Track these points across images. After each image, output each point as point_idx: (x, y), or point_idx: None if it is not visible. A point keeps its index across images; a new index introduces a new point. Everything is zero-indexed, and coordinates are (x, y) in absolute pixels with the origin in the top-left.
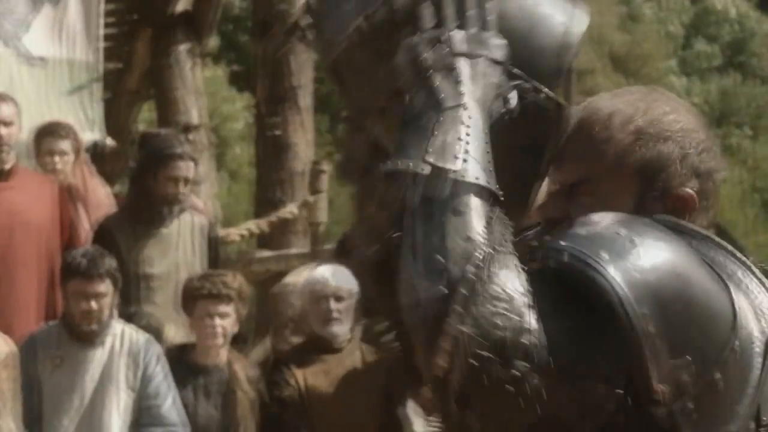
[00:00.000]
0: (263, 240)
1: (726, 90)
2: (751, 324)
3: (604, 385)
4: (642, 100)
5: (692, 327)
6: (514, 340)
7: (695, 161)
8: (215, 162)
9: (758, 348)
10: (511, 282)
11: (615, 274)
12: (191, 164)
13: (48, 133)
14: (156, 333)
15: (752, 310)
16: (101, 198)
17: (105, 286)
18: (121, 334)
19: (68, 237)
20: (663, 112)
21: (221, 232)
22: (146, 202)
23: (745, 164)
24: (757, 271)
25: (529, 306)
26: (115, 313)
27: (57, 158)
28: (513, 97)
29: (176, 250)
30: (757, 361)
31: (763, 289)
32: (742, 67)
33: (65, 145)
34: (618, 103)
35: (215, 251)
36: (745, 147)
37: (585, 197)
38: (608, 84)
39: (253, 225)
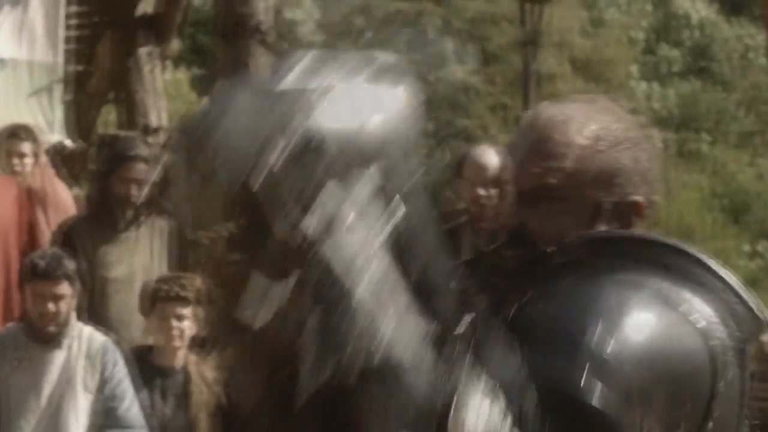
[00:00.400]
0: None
1: (687, 95)
2: (721, 334)
3: None
4: (592, 109)
5: (680, 396)
6: None
7: (645, 169)
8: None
9: (731, 359)
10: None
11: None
12: (145, 166)
13: (9, 135)
14: (114, 337)
15: (720, 315)
16: (63, 200)
17: (65, 288)
18: (79, 335)
19: (29, 239)
20: (614, 119)
21: (192, 235)
22: (105, 205)
23: (705, 170)
24: (721, 270)
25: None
26: (74, 314)
27: (16, 160)
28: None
29: (134, 255)
30: (735, 372)
31: (727, 285)
32: (704, 72)
33: (26, 147)
34: (569, 111)
35: (183, 255)
36: (705, 153)
37: (543, 203)
38: (571, 89)
39: (223, 228)
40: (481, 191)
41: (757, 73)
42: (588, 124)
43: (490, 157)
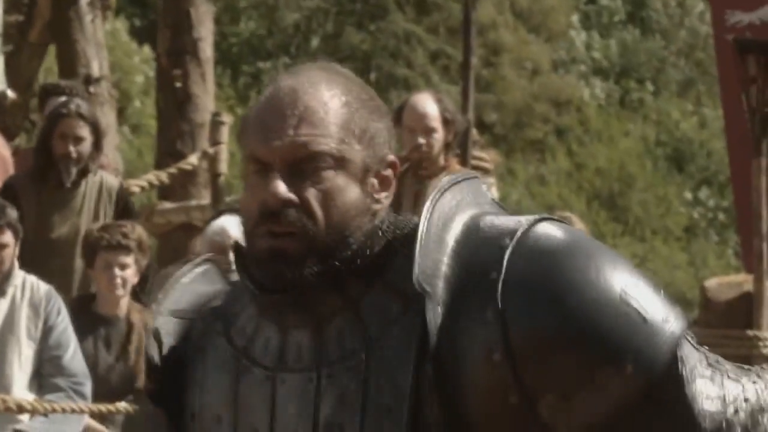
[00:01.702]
0: (165, 192)
1: (627, 45)
2: None
3: None
4: (330, 73)
5: None
6: None
7: (389, 128)
8: (117, 116)
9: None
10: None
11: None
12: (83, 123)
13: None
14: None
15: None
16: (6, 152)
17: (7, 237)
18: (22, 284)
19: None
20: (352, 81)
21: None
22: (47, 163)
23: (648, 119)
24: None
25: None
26: (17, 263)
27: None
28: None
29: (79, 215)
30: None
31: None
32: (643, 22)
33: None
34: (311, 78)
35: (127, 212)
36: (647, 102)
37: (316, 172)
38: (511, 38)
39: (153, 176)
40: (421, 139)
41: (694, 22)
42: (335, 88)
43: (429, 105)
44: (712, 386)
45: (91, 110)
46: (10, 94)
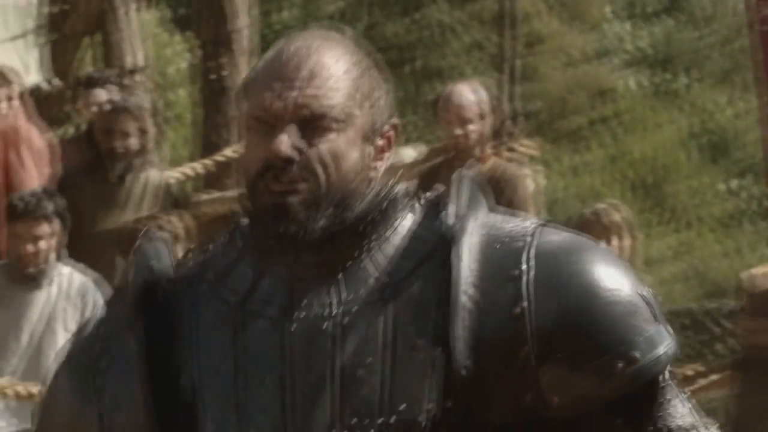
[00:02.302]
0: (206, 182)
1: (662, 35)
2: None
3: None
4: (332, 37)
5: None
6: None
7: (391, 91)
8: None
9: None
10: None
11: None
12: (129, 118)
13: None
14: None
15: None
16: (37, 143)
17: (45, 228)
18: (61, 275)
19: (5, 181)
20: (355, 45)
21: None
22: (93, 157)
23: (683, 110)
24: None
25: None
26: (55, 255)
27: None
28: None
29: (123, 210)
30: None
31: None
32: (678, 12)
33: (8, 90)
34: (317, 40)
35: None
36: (682, 92)
37: (324, 133)
38: (550, 28)
39: (191, 168)
40: (458, 129)
41: (729, 13)
42: (342, 50)
43: (467, 96)
44: (684, 409)
45: (139, 106)
46: (50, 84)
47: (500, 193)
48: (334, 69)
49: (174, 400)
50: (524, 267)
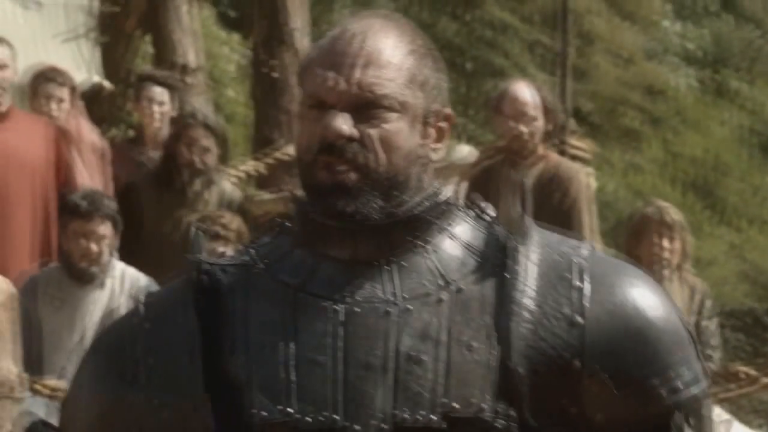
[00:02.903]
0: (261, 182)
1: (720, 34)
2: None
3: None
4: (394, 22)
5: None
6: None
7: (445, 81)
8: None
9: None
10: None
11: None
12: (208, 133)
13: (45, 78)
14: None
15: None
16: (94, 142)
17: (105, 228)
18: (121, 275)
19: (65, 179)
20: (415, 31)
21: None
22: (170, 168)
23: (744, 108)
24: None
25: None
26: (116, 254)
27: (54, 104)
28: None
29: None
30: None
31: None
32: (737, 10)
33: (63, 92)
34: (378, 24)
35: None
36: (741, 91)
37: (382, 116)
38: (604, 27)
39: (250, 167)
40: (521, 127)
41: None
42: (402, 35)
43: (529, 93)
44: None
45: (219, 121)
46: (106, 84)
47: (558, 190)
48: (392, 54)
49: (219, 383)
50: (583, 283)
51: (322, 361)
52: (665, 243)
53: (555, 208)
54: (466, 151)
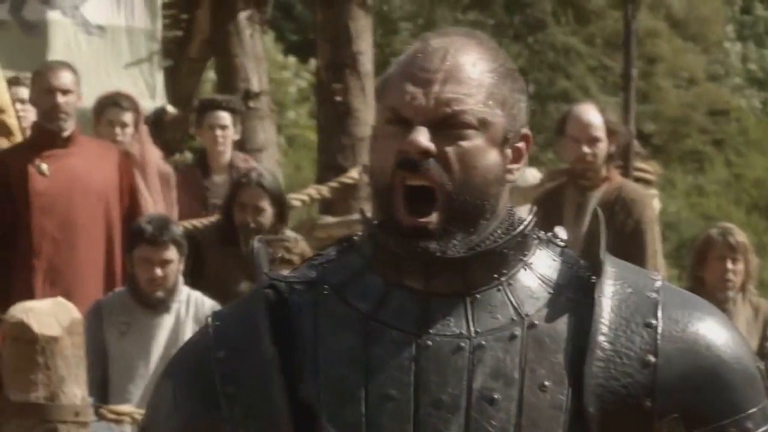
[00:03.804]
0: (326, 206)
1: None
2: None
3: None
4: (477, 39)
5: None
6: None
7: (526, 101)
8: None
9: None
10: None
11: None
12: (263, 193)
13: (110, 104)
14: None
15: None
16: (160, 167)
17: (172, 253)
18: (187, 300)
19: (130, 204)
20: (498, 50)
21: None
22: (228, 227)
23: None
24: None
25: None
26: (182, 279)
27: (118, 129)
28: None
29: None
30: None
31: None
32: None
33: (127, 117)
34: (460, 41)
35: None
36: None
37: (462, 132)
38: (668, 48)
39: (314, 190)
40: (586, 148)
41: None
42: (483, 52)
43: (594, 115)
44: None
45: (275, 181)
46: (170, 109)
47: (622, 212)
48: (473, 71)
49: (293, 408)
50: (656, 319)
51: (393, 395)
52: (729, 265)
53: (619, 230)
54: (530, 174)
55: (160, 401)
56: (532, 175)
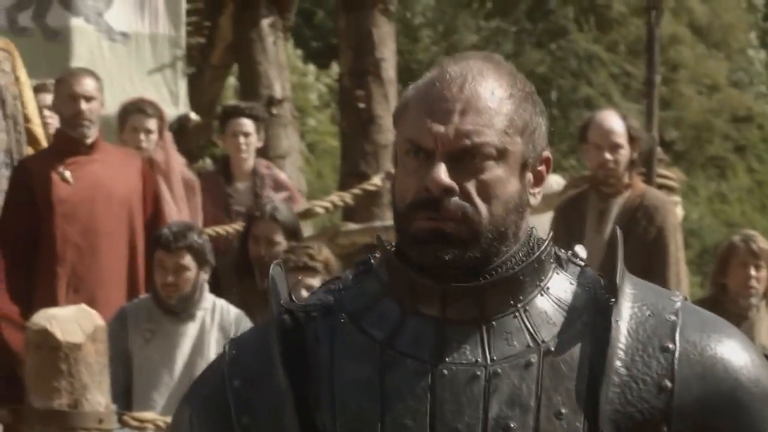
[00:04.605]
0: (349, 213)
1: None
2: None
3: None
4: (494, 64)
5: None
6: None
7: (545, 124)
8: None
9: None
10: None
11: None
12: (275, 226)
13: (135, 110)
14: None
15: None
16: (184, 174)
17: (186, 260)
18: (212, 308)
19: (153, 211)
20: (515, 74)
21: (305, 204)
22: (244, 261)
23: None
24: None
25: None
26: (206, 287)
27: (142, 136)
28: None
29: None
30: None
31: None
32: None
33: (151, 123)
34: (477, 66)
35: None
36: None
37: (482, 164)
38: (690, 55)
39: (337, 197)
40: (608, 155)
41: None
42: (501, 78)
43: (616, 121)
44: None
45: (289, 213)
46: (193, 116)
47: (645, 219)
48: (491, 98)
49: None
50: (674, 343)
51: (409, 425)
52: (752, 271)
53: (641, 237)
54: (552, 181)
55: (179, 426)
56: (556, 182)
